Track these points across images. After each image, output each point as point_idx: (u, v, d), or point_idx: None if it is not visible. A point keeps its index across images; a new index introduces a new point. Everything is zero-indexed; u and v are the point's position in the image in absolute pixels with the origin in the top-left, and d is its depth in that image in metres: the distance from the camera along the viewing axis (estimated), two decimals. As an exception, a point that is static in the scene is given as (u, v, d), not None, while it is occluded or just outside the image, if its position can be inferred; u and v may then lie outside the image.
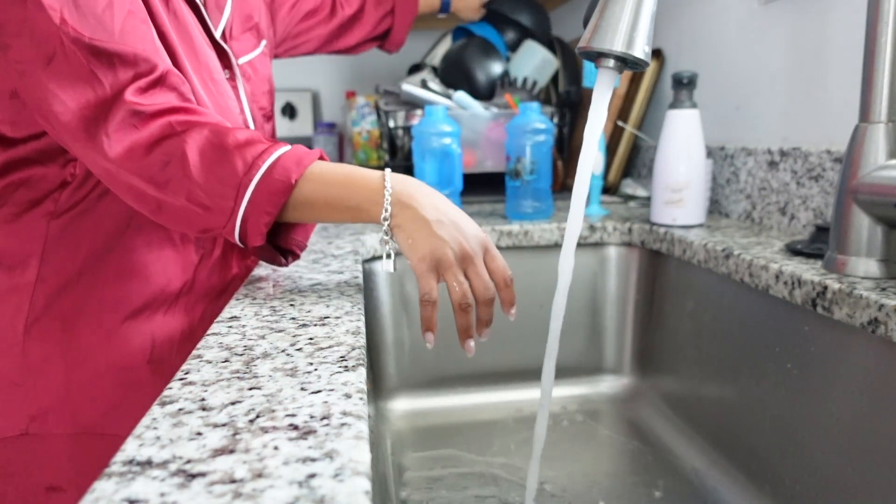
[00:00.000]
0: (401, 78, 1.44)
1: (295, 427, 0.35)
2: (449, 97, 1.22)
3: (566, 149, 1.27)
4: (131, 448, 0.33)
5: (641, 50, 0.51)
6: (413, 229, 0.56)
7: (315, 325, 0.52)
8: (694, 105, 0.89)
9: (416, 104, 1.23)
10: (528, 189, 1.00)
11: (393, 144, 1.29)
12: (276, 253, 0.62)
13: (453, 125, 1.01)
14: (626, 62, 0.53)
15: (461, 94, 1.19)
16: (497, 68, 1.28)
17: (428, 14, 1.20)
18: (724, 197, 1.01)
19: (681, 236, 0.87)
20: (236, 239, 0.57)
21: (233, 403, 0.38)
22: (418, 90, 1.22)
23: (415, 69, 1.49)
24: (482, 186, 1.22)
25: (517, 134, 1.00)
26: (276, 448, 0.32)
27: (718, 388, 0.80)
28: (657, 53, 1.21)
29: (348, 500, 0.28)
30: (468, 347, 0.58)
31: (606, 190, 1.26)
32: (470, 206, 1.16)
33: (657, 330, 0.95)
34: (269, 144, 0.57)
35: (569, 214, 0.56)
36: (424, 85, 1.27)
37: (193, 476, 0.30)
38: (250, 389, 0.40)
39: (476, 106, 1.18)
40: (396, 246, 0.58)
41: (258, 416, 0.36)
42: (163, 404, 0.38)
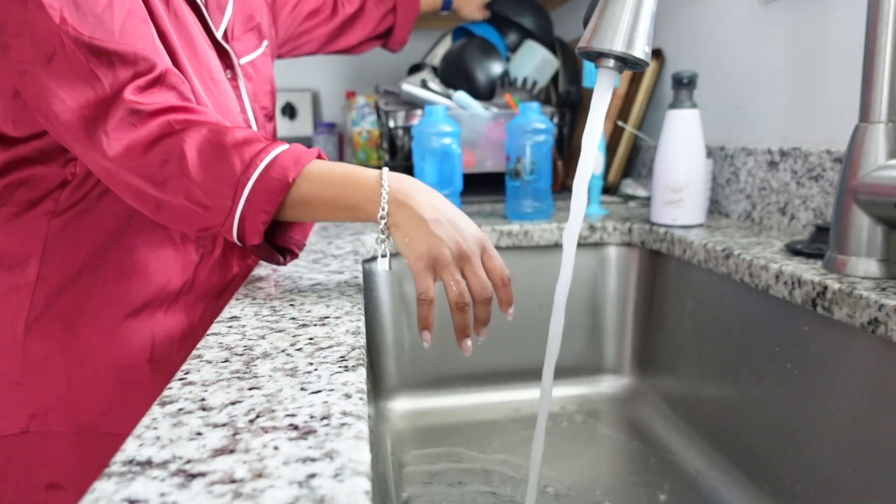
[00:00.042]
0: (401, 78, 1.44)
1: (295, 427, 0.35)
2: (449, 97, 1.22)
3: (566, 149, 1.27)
4: (131, 448, 0.33)
5: (641, 50, 0.51)
6: (410, 228, 0.56)
7: (315, 325, 0.52)
8: (694, 105, 0.89)
9: (416, 104, 1.23)
10: (528, 189, 1.00)
11: (393, 144, 1.29)
12: (274, 252, 0.62)
13: (453, 125, 1.01)
14: (626, 62, 0.53)
15: (461, 94, 1.19)
16: (497, 68, 1.28)
17: (430, 12, 1.20)
18: (724, 197, 1.01)
19: (681, 236, 0.87)
20: (234, 237, 0.58)
21: (233, 403, 0.38)
22: (418, 90, 1.22)
23: (415, 69, 1.49)
24: (482, 186, 1.22)
25: (517, 134, 1.00)
26: (276, 448, 0.32)
27: (718, 388, 0.80)
28: (657, 53, 1.21)
29: (348, 500, 0.28)
30: (465, 347, 0.58)
31: (606, 190, 1.26)
32: (470, 206, 1.16)
33: (657, 330, 0.95)
34: (267, 143, 0.57)
35: (569, 214, 0.56)
36: (424, 85, 1.27)
37: (193, 476, 0.30)
38: (250, 389, 0.40)
39: (476, 106, 1.18)
40: (392, 245, 0.58)
41: (258, 416, 0.36)
42: (163, 404, 0.38)
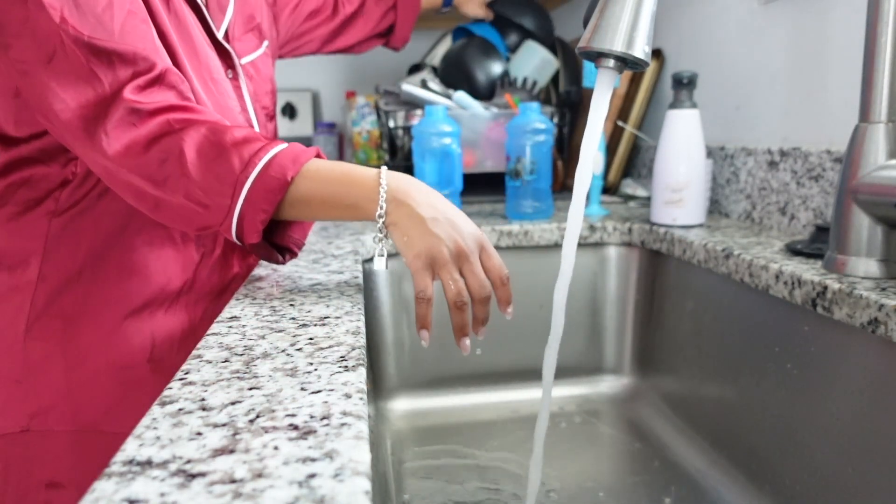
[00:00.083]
0: (401, 78, 1.44)
1: (295, 427, 0.35)
2: (449, 97, 1.22)
3: (566, 149, 1.27)
4: (131, 448, 0.33)
5: (641, 50, 0.51)
6: (408, 227, 0.56)
7: (315, 325, 0.52)
8: (694, 105, 0.89)
9: (416, 104, 1.23)
10: (528, 189, 1.00)
11: (393, 144, 1.29)
12: (274, 251, 0.62)
13: (453, 125, 1.01)
14: (626, 62, 0.53)
15: (461, 94, 1.19)
16: (497, 68, 1.28)
17: (431, 10, 1.19)
18: (724, 197, 1.01)
19: (681, 236, 0.87)
20: (233, 236, 0.58)
21: (233, 403, 0.38)
22: (418, 90, 1.22)
23: (415, 69, 1.49)
24: (482, 186, 1.22)
25: (517, 134, 1.00)
26: (276, 448, 0.32)
27: (718, 388, 0.80)
28: (657, 53, 1.21)
29: (348, 500, 0.28)
30: (464, 346, 0.58)
31: (606, 190, 1.26)
32: (470, 206, 1.16)
33: (657, 330, 0.95)
34: (266, 142, 0.57)
35: (569, 214, 0.56)
36: (424, 85, 1.26)
37: (193, 476, 0.30)
38: (250, 389, 0.40)
39: (476, 106, 1.18)
40: (391, 244, 0.58)
41: (258, 416, 0.36)
42: (163, 404, 0.38)
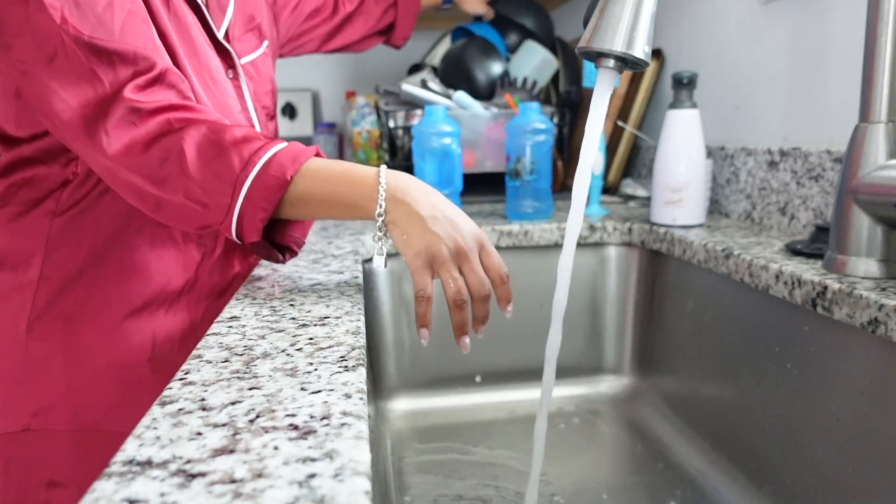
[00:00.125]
0: (401, 78, 1.44)
1: (295, 427, 0.35)
2: (449, 97, 1.22)
3: (566, 149, 1.27)
4: (131, 448, 0.33)
5: (641, 50, 0.51)
6: (407, 225, 0.56)
7: (315, 325, 0.52)
8: (694, 105, 0.89)
9: (416, 104, 1.23)
10: (528, 189, 1.00)
11: (393, 144, 1.29)
12: (274, 249, 0.62)
13: (453, 125, 1.01)
14: (626, 62, 0.53)
15: (461, 94, 1.19)
16: (497, 68, 1.28)
17: (431, 7, 1.19)
18: (724, 197, 1.01)
19: (681, 236, 0.87)
20: (233, 235, 0.58)
21: (233, 403, 0.38)
22: (418, 90, 1.22)
23: (415, 69, 1.49)
24: (482, 186, 1.22)
25: (517, 134, 1.00)
26: (276, 448, 0.32)
27: (718, 388, 0.80)
28: (657, 53, 1.21)
29: (348, 500, 0.28)
30: (463, 344, 0.58)
31: (606, 190, 1.26)
32: (470, 206, 1.16)
33: (657, 330, 0.95)
34: (266, 141, 0.57)
35: (569, 214, 0.56)
36: (424, 85, 1.26)
37: (193, 476, 0.30)
38: (250, 389, 0.40)
39: (476, 106, 1.18)
40: (390, 243, 0.58)
41: (258, 416, 0.36)
42: (163, 404, 0.38)
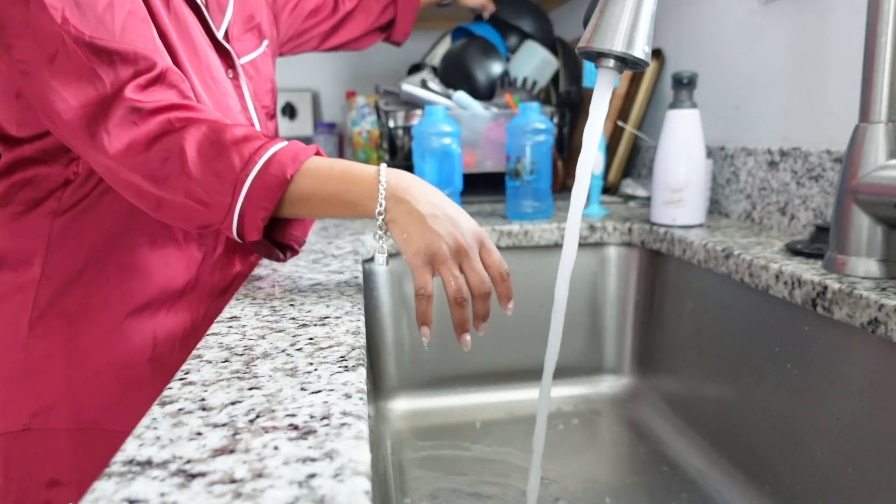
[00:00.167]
0: (401, 78, 1.44)
1: (295, 427, 0.35)
2: (449, 97, 1.22)
3: (566, 149, 1.27)
4: (131, 448, 0.33)
5: (641, 50, 0.51)
6: (408, 223, 0.56)
7: (315, 325, 0.52)
8: (694, 105, 0.89)
9: (416, 104, 1.23)
10: (528, 189, 1.00)
11: (393, 144, 1.29)
12: (274, 248, 0.62)
13: (453, 125, 1.01)
14: (626, 62, 0.53)
15: (461, 94, 1.19)
16: (497, 68, 1.28)
17: (431, 4, 1.18)
18: (724, 197, 1.01)
19: (681, 236, 0.87)
20: (234, 234, 0.58)
21: (233, 403, 0.38)
22: (418, 90, 1.22)
23: (415, 69, 1.49)
24: (482, 186, 1.22)
25: (517, 134, 1.00)
26: (276, 448, 0.32)
27: (718, 388, 0.80)
28: (657, 53, 1.21)
29: (348, 500, 0.28)
30: (464, 342, 0.58)
31: (606, 190, 1.26)
32: (470, 206, 1.16)
33: (657, 330, 0.95)
34: (266, 140, 0.57)
35: (568, 214, 0.56)
36: (424, 85, 1.26)
37: (193, 476, 0.30)
38: (250, 389, 0.40)
39: (476, 106, 1.18)
40: (390, 242, 0.58)
41: (258, 416, 0.36)
42: (163, 404, 0.38)
